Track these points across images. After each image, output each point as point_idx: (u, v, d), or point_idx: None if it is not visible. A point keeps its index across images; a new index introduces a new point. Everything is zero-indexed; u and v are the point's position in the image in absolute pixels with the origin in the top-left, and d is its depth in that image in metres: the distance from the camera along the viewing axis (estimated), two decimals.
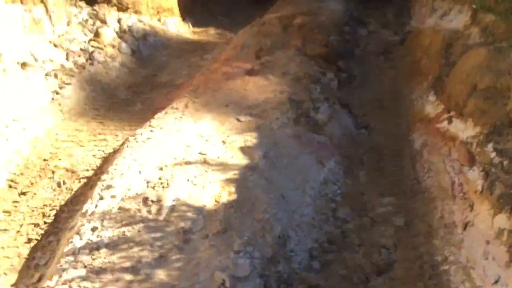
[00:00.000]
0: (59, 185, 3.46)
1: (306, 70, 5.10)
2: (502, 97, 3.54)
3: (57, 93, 4.33)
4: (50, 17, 4.85)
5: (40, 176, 3.49)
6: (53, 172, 3.54)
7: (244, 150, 3.56)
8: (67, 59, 4.78)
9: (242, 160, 3.44)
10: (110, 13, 5.63)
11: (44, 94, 4.23)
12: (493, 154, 3.15)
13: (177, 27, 6.85)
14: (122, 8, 5.80)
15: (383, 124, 4.78)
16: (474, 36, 4.98)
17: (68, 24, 5.14)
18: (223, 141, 3.63)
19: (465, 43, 4.98)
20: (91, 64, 4.91)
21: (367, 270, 3.03)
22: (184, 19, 7.17)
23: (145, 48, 5.80)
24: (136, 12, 6.02)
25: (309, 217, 3.36)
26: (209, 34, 7.15)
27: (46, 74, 4.42)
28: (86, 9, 5.44)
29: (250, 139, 3.70)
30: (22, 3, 4.53)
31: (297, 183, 3.54)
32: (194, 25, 7.32)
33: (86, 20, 5.39)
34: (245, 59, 5.15)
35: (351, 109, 4.94)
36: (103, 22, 5.52)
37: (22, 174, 3.49)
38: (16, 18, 4.44)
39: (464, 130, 3.75)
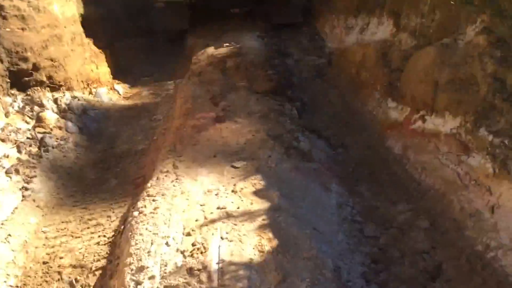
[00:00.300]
0: (71, 285, 3.06)
1: (267, 105, 5.16)
2: (470, 85, 3.85)
3: (26, 189, 3.89)
4: None
5: (46, 281, 3.07)
6: (59, 273, 3.13)
7: (258, 194, 3.46)
8: (19, 151, 4.33)
9: (262, 204, 3.33)
10: (45, 95, 5.24)
11: (12, 194, 3.77)
12: (490, 137, 3.39)
13: (109, 96, 6.58)
14: (55, 88, 5.44)
15: (354, 139, 4.95)
16: (405, 41, 5.43)
17: (6, 116, 4.69)
18: (233, 191, 3.50)
19: (400, 49, 5.41)
20: (46, 151, 4.50)
21: (421, 279, 3.05)
22: (111, 88, 6.92)
23: (90, 123, 5.47)
24: (68, 89, 5.67)
25: (344, 242, 3.33)
26: (143, 96, 6.96)
27: (7, 172, 3.96)
28: (20, 96, 5.01)
29: (257, 181, 3.61)
30: None
31: (319, 213, 3.51)
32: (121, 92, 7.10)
33: (23, 107, 4.96)
34: (204, 109, 5.07)
35: (320, 133, 5.06)
36: (41, 105, 5.12)
37: (25, 285, 3.04)
38: None
39: (444, 124, 4.00)
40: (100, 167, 4.67)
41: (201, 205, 3.34)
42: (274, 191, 3.48)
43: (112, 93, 6.84)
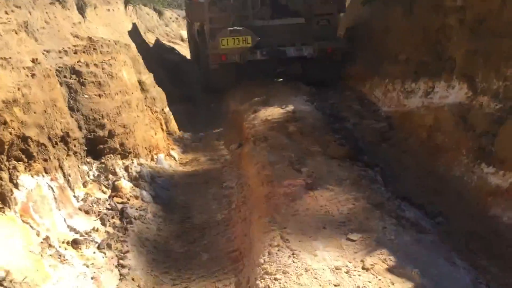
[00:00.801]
0: None
1: (352, 172, 4.92)
2: None
3: (122, 267, 3.54)
4: (68, 181, 4.14)
5: None
6: None
7: (394, 272, 3.13)
8: (103, 224, 4.03)
9: (404, 284, 2.99)
10: (117, 163, 5.01)
11: (110, 272, 3.42)
12: None
13: (168, 162, 6.36)
14: (125, 155, 5.22)
15: (451, 208, 4.64)
16: (487, 104, 5.26)
17: (84, 185, 4.44)
18: (363, 268, 3.16)
19: (483, 113, 5.23)
20: (130, 222, 4.20)
21: None
22: (167, 154, 6.72)
23: (161, 191, 5.20)
24: (135, 156, 5.46)
25: None
26: (200, 161, 6.73)
27: (100, 247, 3.63)
28: (95, 164, 4.78)
29: (386, 257, 3.28)
30: (46, 172, 3.80)
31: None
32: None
33: (98, 176, 4.71)
34: (287, 176, 4.82)
35: (411, 201, 4.76)
36: (114, 173, 4.88)
37: None
38: (46, 192, 3.68)
39: None
40: (184, 239, 4.35)
41: (335, 286, 2.99)
42: (410, 268, 3.14)
43: (169, 159, 6.63)
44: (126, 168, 5.14)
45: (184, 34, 17.42)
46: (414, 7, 7.51)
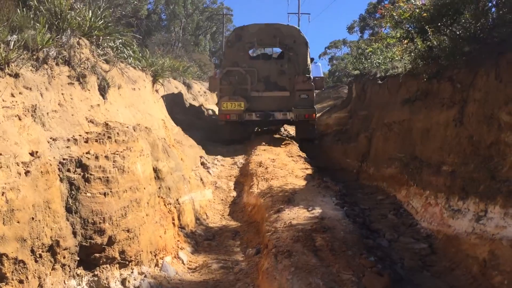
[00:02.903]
0: None
1: None
2: None
3: None
4: None
5: None
6: None
7: None
8: None
9: None
10: (113, 275, 4.23)
11: None
12: None
13: (174, 268, 5.53)
14: (124, 264, 4.45)
15: None
16: None
17: None
18: None
19: None
20: None
21: None
22: (175, 256, 5.92)
23: None
24: (137, 263, 4.67)
25: None
26: (212, 269, 5.88)
27: None
28: (86, 277, 4.00)
29: None
30: None
31: None
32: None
33: None
34: None
35: None
36: None
37: None
38: None
39: None
40: None
41: None
42: None
43: (177, 262, 5.80)
44: (123, 282, 4.34)
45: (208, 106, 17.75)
46: (464, 115, 6.85)
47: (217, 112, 14.60)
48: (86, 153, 4.40)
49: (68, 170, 4.11)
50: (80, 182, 4.14)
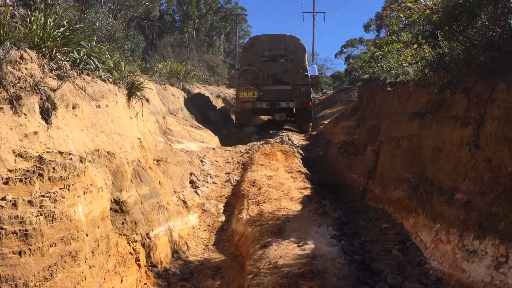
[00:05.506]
0: None
1: None
2: None
3: None
4: None
5: None
6: None
7: None
8: None
9: None
10: None
11: None
12: None
13: None
14: None
15: None
16: None
17: None
18: None
19: None
20: None
21: None
22: None
23: None
24: None
25: None
26: None
27: None
28: None
29: None
30: None
31: None
32: None
33: None
34: None
35: None
36: None
37: None
38: None
39: None
40: None
41: None
42: None
43: None
44: None
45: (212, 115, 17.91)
46: (480, 135, 5.79)
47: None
48: (1, 199, 3.52)
49: None
50: None
